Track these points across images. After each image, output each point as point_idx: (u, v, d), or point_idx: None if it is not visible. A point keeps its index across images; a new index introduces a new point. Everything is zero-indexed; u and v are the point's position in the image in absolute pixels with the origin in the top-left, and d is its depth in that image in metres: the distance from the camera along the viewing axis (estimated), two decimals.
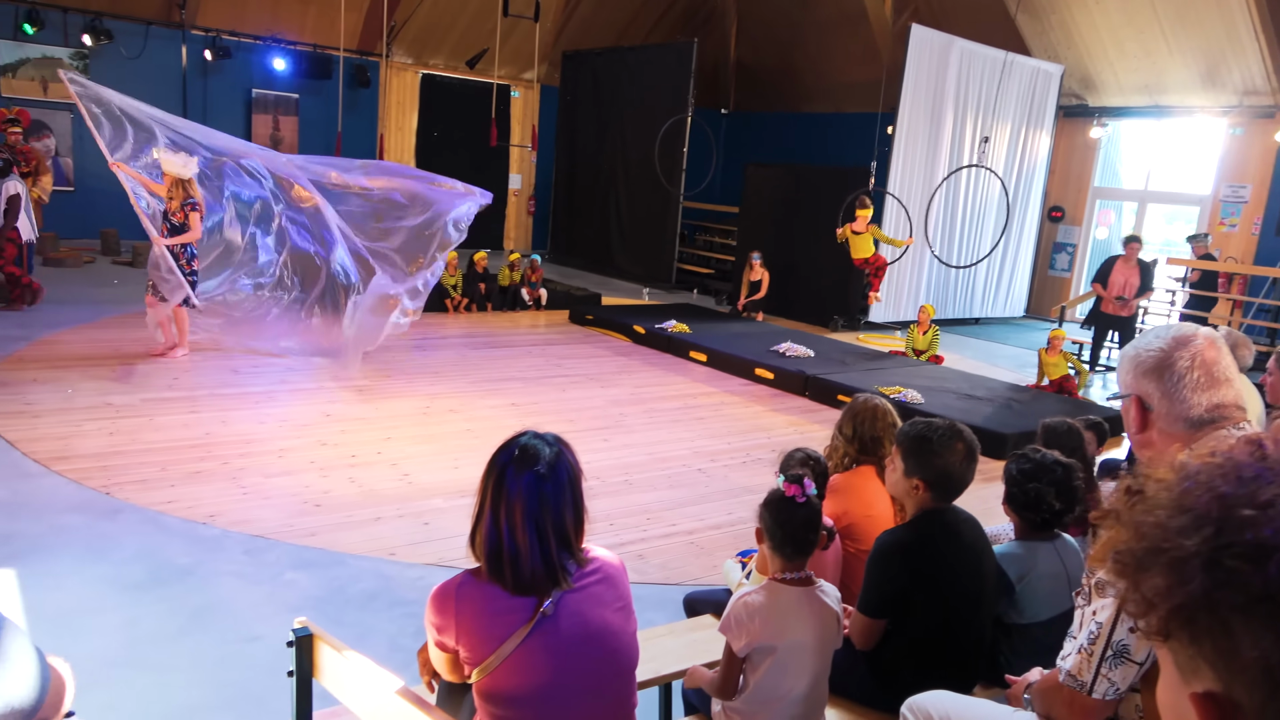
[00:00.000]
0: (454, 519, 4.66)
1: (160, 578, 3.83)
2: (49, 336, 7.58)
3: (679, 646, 2.78)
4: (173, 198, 7.06)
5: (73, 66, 12.64)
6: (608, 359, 8.90)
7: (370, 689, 1.80)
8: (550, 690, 1.69)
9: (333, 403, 6.53)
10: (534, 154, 16.06)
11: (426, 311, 10.27)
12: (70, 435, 5.37)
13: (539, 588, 1.71)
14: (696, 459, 5.99)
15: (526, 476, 1.73)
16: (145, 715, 2.92)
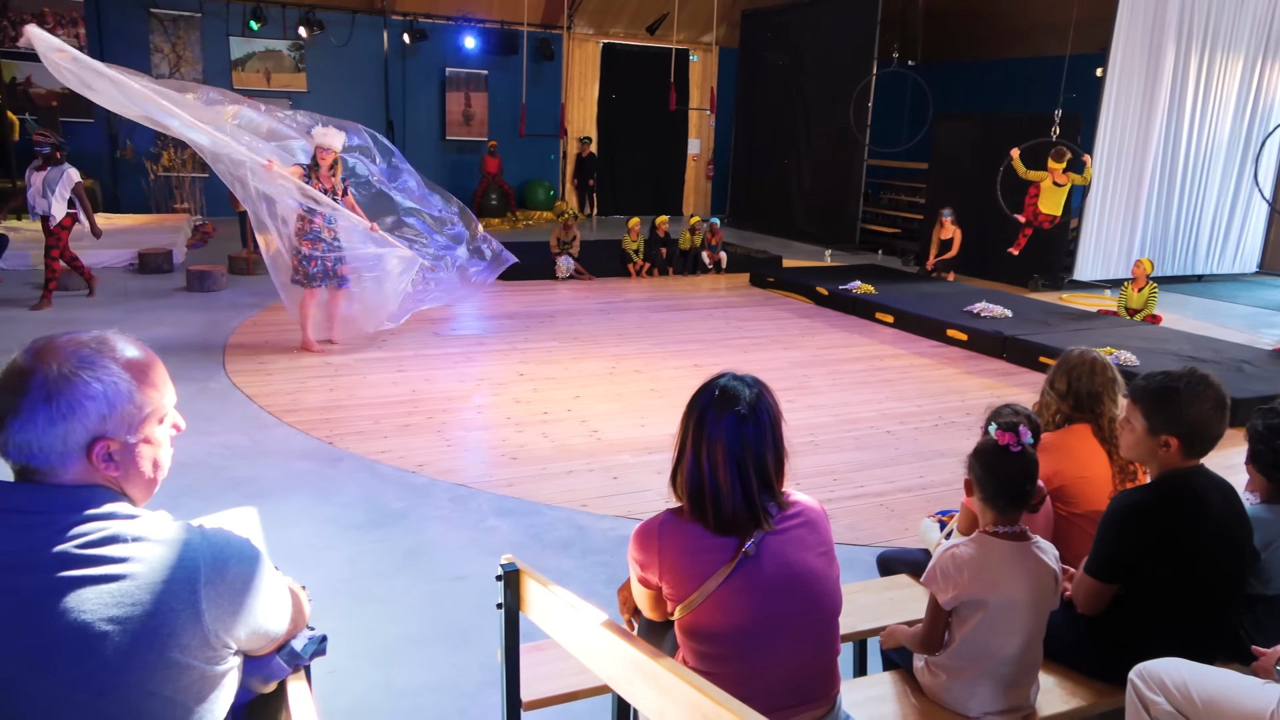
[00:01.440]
0: (642, 474, 4.77)
1: (377, 520, 4.15)
2: (278, 303, 8.33)
3: (874, 604, 2.72)
4: (334, 175, 6.56)
5: (292, 59, 13.76)
6: (790, 321, 8.77)
7: (575, 622, 1.87)
8: (753, 629, 1.69)
9: (525, 363, 6.81)
10: (713, 118, 15.99)
11: (609, 276, 10.58)
12: (297, 391, 5.91)
13: (740, 528, 1.71)
14: (885, 421, 5.81)
15: (728, 418, 1.72)
16: (369, 641, 3.19)
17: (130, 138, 12.99)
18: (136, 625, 1.17)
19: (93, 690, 1.15)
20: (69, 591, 1.15)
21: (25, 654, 1.13)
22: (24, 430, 1.20)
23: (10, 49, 12.05)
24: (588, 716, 2.73)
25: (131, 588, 1.18)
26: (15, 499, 1.20)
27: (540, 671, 2.37)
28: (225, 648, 1.28)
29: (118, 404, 1.25)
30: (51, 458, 1.22)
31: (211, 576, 1.24)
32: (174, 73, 13.15)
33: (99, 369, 1.24)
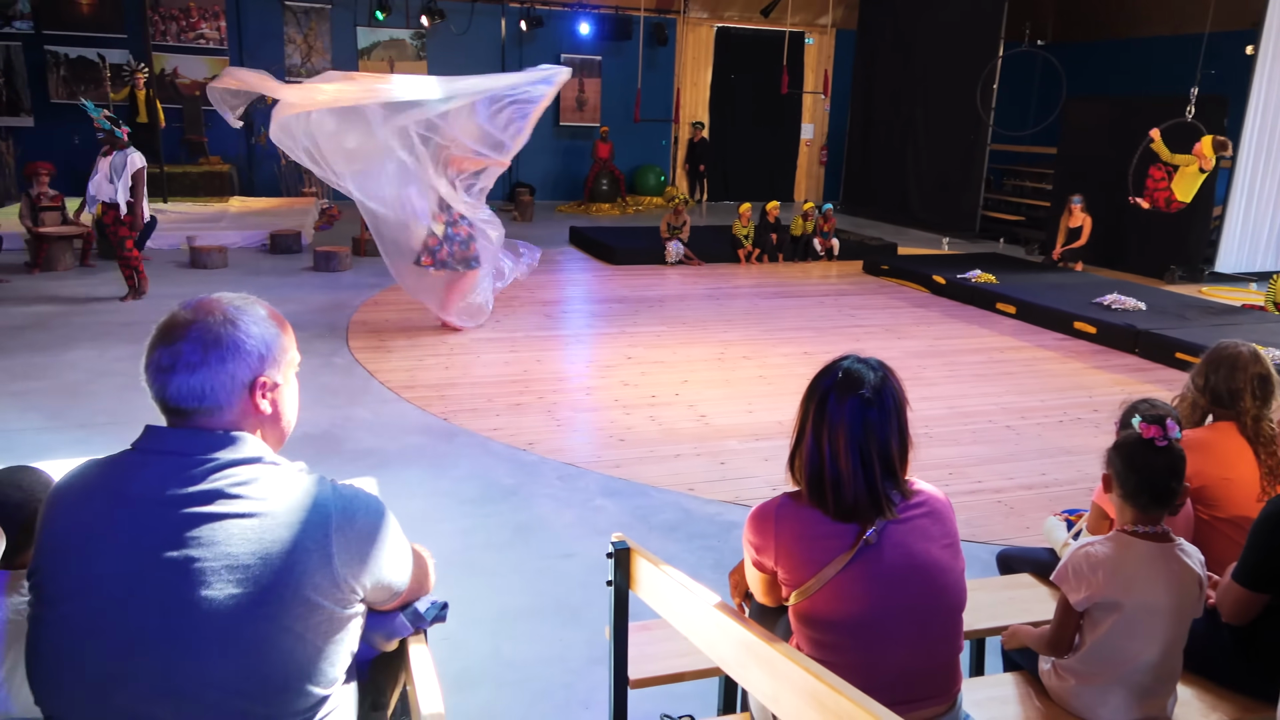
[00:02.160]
0: (749, 460, 4.72)
1: (489, 495, 4.25)
2: (398, 285, 8.61)
3: (993, 602, 2.61)
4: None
5: (414, 47, 14.18)
6: (904, 310, 8.53)
7: (686, 602, 1.86)
8: (872, 620, 1.65)
9: (633, 346, 6.84)
10: (827, 102, 15.65)
11: (719, 262, 10.51)
12: (415, 368, 6.10)
13: (861, 515, 1.67)
14: (1004, 415, 5.58)
15: (851, 401, 1.68)
16: (479, 611, 3.27)
17: (264, 125, 13.64)
18: (275, 561, 1.25)
19: (234, 620, 1.23)
20: (218, 525, 1.25)
21: (177, 583, 1.23)
22: (196, 374, 1.31)
23: (160, 42, 12.83)
24: (693, 699, 2.73)
25: (272, 525, 1.27)
26: (175, 442, 1.31)
27: (647, 651, 2.38)
28: (352, 593, 1.34)
29: (272, 346, 1.39)
30: (220, 396, 1.33)
31: (341, 524, 1.32)
32: (305, 62, 13.74)
33: (253, 315, 1.38)
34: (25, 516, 1.85)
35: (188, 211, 11.43)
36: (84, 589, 1.25)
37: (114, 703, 1.24)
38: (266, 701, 1.27)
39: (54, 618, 1.27)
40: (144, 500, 1.27)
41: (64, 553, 1.27)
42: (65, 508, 1.30)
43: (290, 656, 1.27)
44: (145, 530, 1.25)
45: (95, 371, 5.76)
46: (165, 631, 1.22)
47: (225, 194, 12.60)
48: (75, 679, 1.25)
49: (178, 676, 1.23)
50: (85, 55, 12.69)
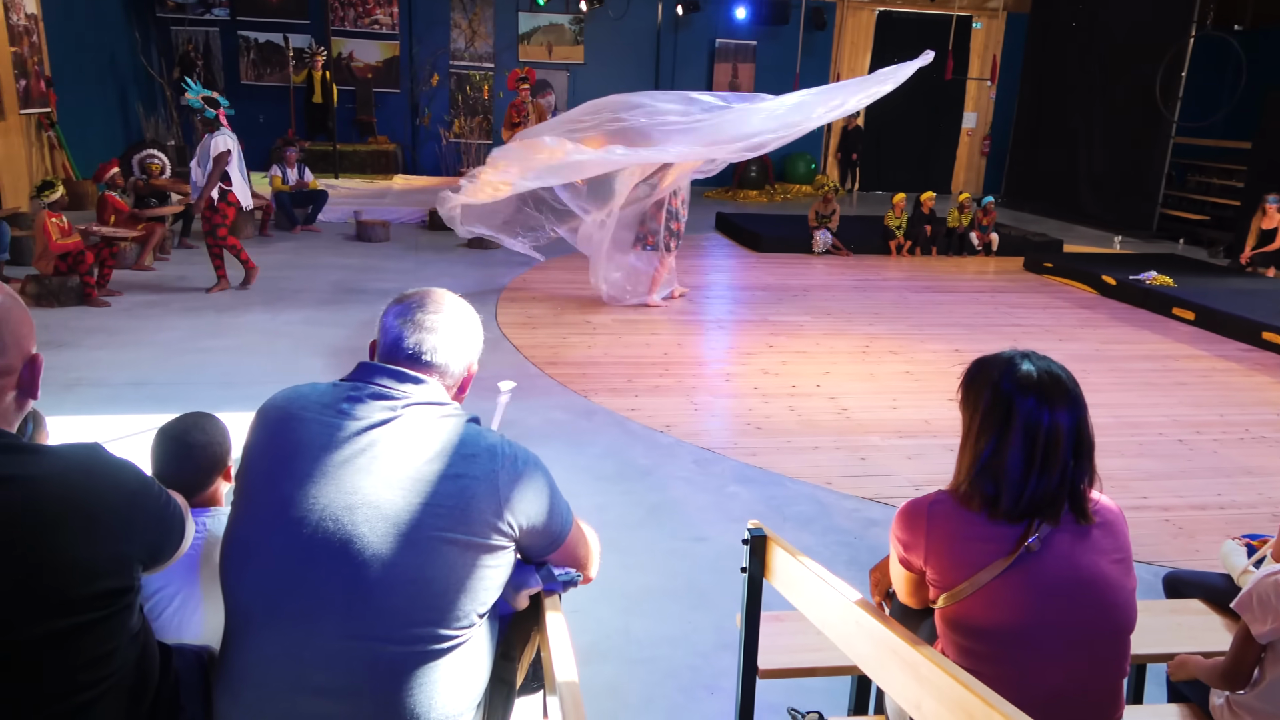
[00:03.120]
0: (891, 457, 4.57)
1: (624, 474, 4.28)
2: (547, 262, 8.82)
3: (1159, 627, 2.41)
4: None
5: (572, 32, 14.43)
6: (1067, 311, 8.03)
7: (824, 596, 1.80)
8: (1028, 632, 1.54)
9: (775, 335, 6.74)
10: (993, 89, 14.88)
11: (868, 253, 10.21)
12: (559, 345, 6.23)
13: (1025, 520, 1.56)
14: (1176, 429, 5.16)
15: (1028, 401, 1.57)
16: (610, 588, 3.30)
17: (429, 107, 14.25)
18: (449, 482, 1.44)
19: (408, 521, 1.40)
20: (403, 444, 1.45)
21: (360, 486, 1.41)
22: (421, 335, 1.57)
23: (338, 28, 13.58)
24: (821, 695, 2.67)
25: (448, 451, 1.46)
26: (380, 376, 1.53)
27: (779, 642, 2.33)
28: (509, 528, 1.49)
29: (477, 340, 1.69)
30: (438, 361, 1.58)
31: (505, 464, 1.50)
32: (469, 46, 14.23)
33: (467, 311, 1.69)
34: (207, 459, 1.99)
35: (356, 188, 12.07)
36: (280, 484, 1.43)
37: (293, 586, 1.39)
38: (426, 605, 1.40)
39: (251, 511, 1.46)
40: (344, 416, 1.46)
41: (268, 454, 1.47)
42: (275, 416, 1.51)
43: (452, 567, 1.42)
44: (340, 440, 1.44)
45: (268, 333, 6.17)
46: (347, 526, 1.39)
47: (390, 172, 13.24)
48: (263, 564, 1.41)
49: (352, 567, 1.38)
50: (272, 40, 13.60)
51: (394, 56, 14.04)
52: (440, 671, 1.42)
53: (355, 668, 1.38)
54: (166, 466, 1.93)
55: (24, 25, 9.72)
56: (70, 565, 1.24)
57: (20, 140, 9.53)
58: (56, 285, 6.58)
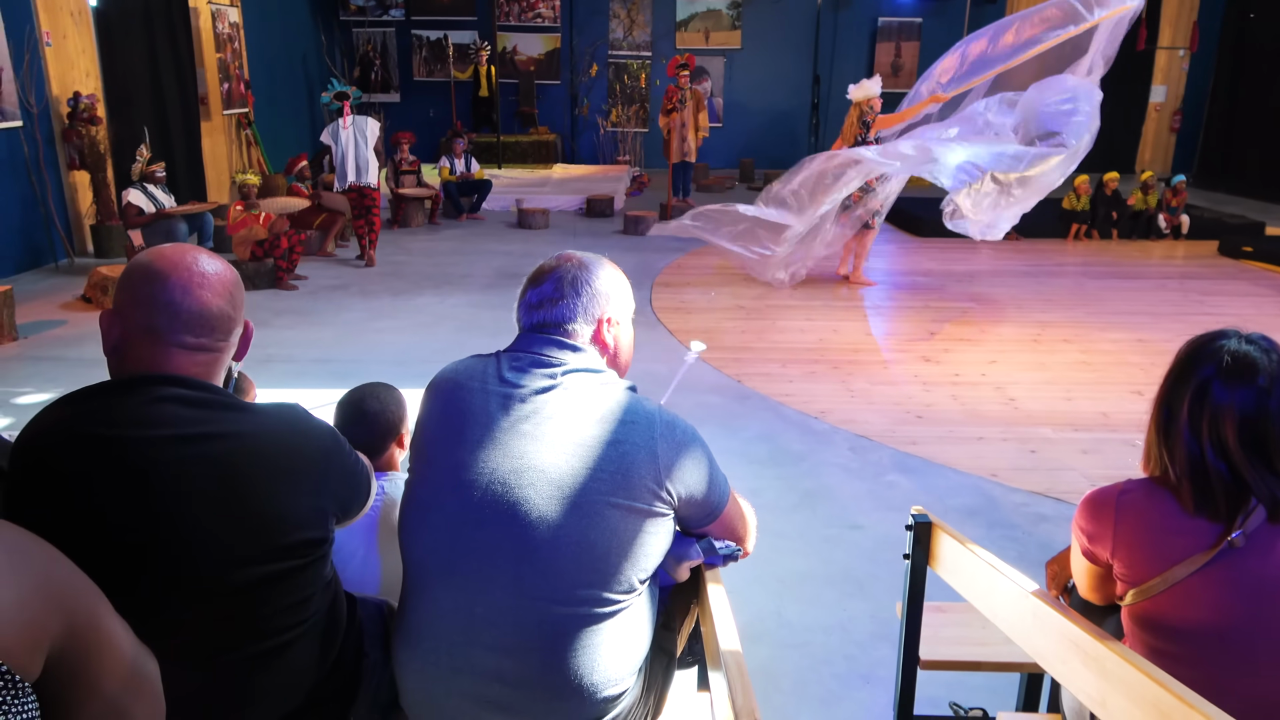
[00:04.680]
0: (1063, 451, 4.31)
1: (778, 459, 4.24)
2: (699, 250, 8.84)
3: None
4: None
5: (730, 17, 14.32)
6: (1269, 299, 7.30)
7: (997, 586, 1.72)
8: (1229, 634, 1.41)
9: (937, 321, 6.49)
10: (1187, 58, 13.67)
11: (1040, 237, 9.63)
12: (712, 329, 6.23)
13: (1230, 514, 1.44)
14: None
15: (1243, 392, 1.44)
16: (764, 571, 3.29)
17: (587, 97, 14.53)
18: (610, 447, 1.47)
19: (573, 483, 1.44)
20: (566, 409, 1.49)
21: (528, 449, 1.46)
22: (557, 306, 1.60)
23: (503, 23, 14.06)
24: (984, 692, 2.56)
25: (608, 417, 1.49)
26: (539, 345, 1.58)
27: (941, 634, 2.26)
28: (668, 495, 1.51)
29: (615, 290, 1.66)
30: (576, 322, 1.60)
31: (664, 432, 1.51)
32: (627, 35, 14.39)
33: (600, 265, 1.67)
34: (381, 424, 2.12)
35: (518, 177, 12.49)
36: (453, 449, 1.50)
37: (466, 545, 1.46)
38: (590, 567, 1.44)
39: (427, 473, 1.53)
40: (509, 384, 1.52)
41: (441, 421, 1.55)
42: (446, 387, 1.58)
43: (615, 531, 1.45)
44: (506, 407, 1.50)
45: (437, 315, 6.50)
46: (514, 489, 1.45)
47: (550, 161, 13.61)
48: (438, 523, 1.49)
49: (519, 528, 1.44)
50: (441, 38, 14.25)
51: (555, 49, 14.39)
52: (604, 635, 1.46)
53: (523, 625, 1.43)
54: (344, 430, 2.07)
55: (227, 33, 10.61)
56: (277, 515, 1.35)
57: (223, 139, 10.43)
58: (252, 270, 7.17)
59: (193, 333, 1.36)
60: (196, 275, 1.37)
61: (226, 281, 1.41)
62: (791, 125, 14.63)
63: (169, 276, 1.35)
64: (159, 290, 1.34)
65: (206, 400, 1.35)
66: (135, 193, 7.20)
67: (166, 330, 1.34)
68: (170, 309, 1.34)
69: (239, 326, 1.45)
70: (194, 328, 1.36)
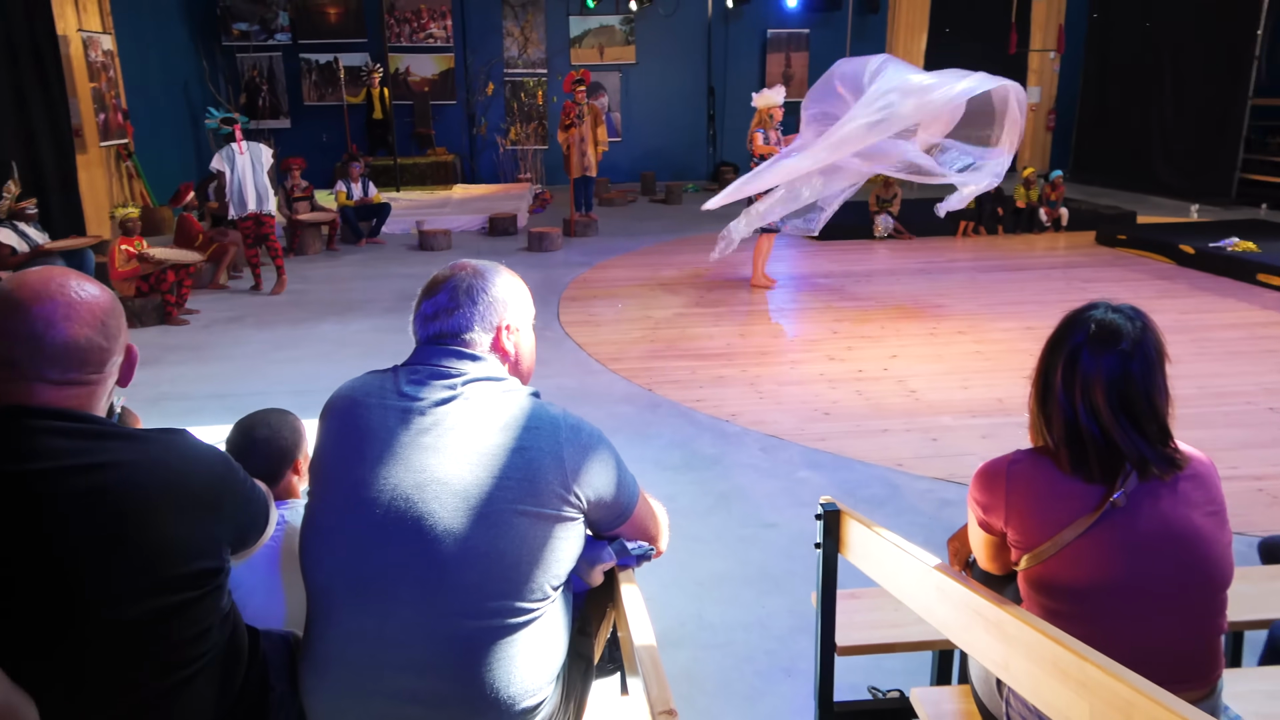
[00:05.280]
0: (964, 437, 4.47)
1: (691, 464, 4.28)
2: (604, 262, 8.88)
3: (1257, 594, 2.32)
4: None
5: (623, 32, 14.48)
6: (1144, 283, 7.75)
7: (903, 565, 1.77)
8: (1117, 589, 1.49)
9: (839, 320, 6.66)
10: (1057, 60, 14.44)
11: (932, 235, 10.00)
12: (622, 341, 6.25)
13: (1110, 475, 1.52)
14: (1266, 397, 4.94)
15: (1108, 357, 1.53)
16: (682, 575, 3.30)
17: (485, 116, 14.45)
18: (515, 455, 1.45)
19: (478, 495, 1.42)
20: (468, 421, 1.46)
21: (430, 463, 1.43)
22: (453, 316, 1.57)
23: (394, 44, 13.86)
24: (901, 674, 2.62)
25: (512, 425, 1.47)
26: (438, 357, 1.55)
27: (855, 619, 2.30)
28: (576, 499, 1.49)
29: (512, 297, 1.63)
30: (474, 331, 1.57)
31: (569, 436, 1.50)
32: (522, 53, 14.38)
33: (496, 272, 1.64)
34: (273, 451, 2.05)
35: (417, 199, 12.32)
36: (352, 468, 1.46)
37: (370, 565, 1.42)
38: (501, 578, 1.42)
39: (327, 495, 1.50)
40: (408, 398, 1.49)
41: (338, 441, 1.51)
42: (342, 405, 1.55)
43: (524, 539, 1.43)
44: (406, 422, 1.47)
45: (340, 342, 6.34)
46: (418, 504, 1.42)
47: (449, 182, 13.47)
48: (341, 545, 1.45)
49: (425, 543, 1.40)
50: (331, 61, 13.96)
51: (449, 68, 14.27)
52: (518, 645, 1.44)
53: (435, 642, 1.40)
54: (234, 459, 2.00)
55: (101, 61, 10.17)
56: (165, 546, 1.29)
57: (101, 172, 9.97)
58: (138, 306, 6.86)
59: (59, 367, 1.28)
60: (62, 305, 1.29)
61: (98, 309, 1.33)
62: (689, 137, 14.84)
63: (31, 307, 1.27)
64: (20, 322, 1.26)
65: (86, 430, 1.28)
66: (5, 231, 6.81)
67: (28, 365, 1.26)
68: (32, 342, 1.26)
69: (116, 356, 1.37)
70: (60, 362, 1.28)
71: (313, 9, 13.79)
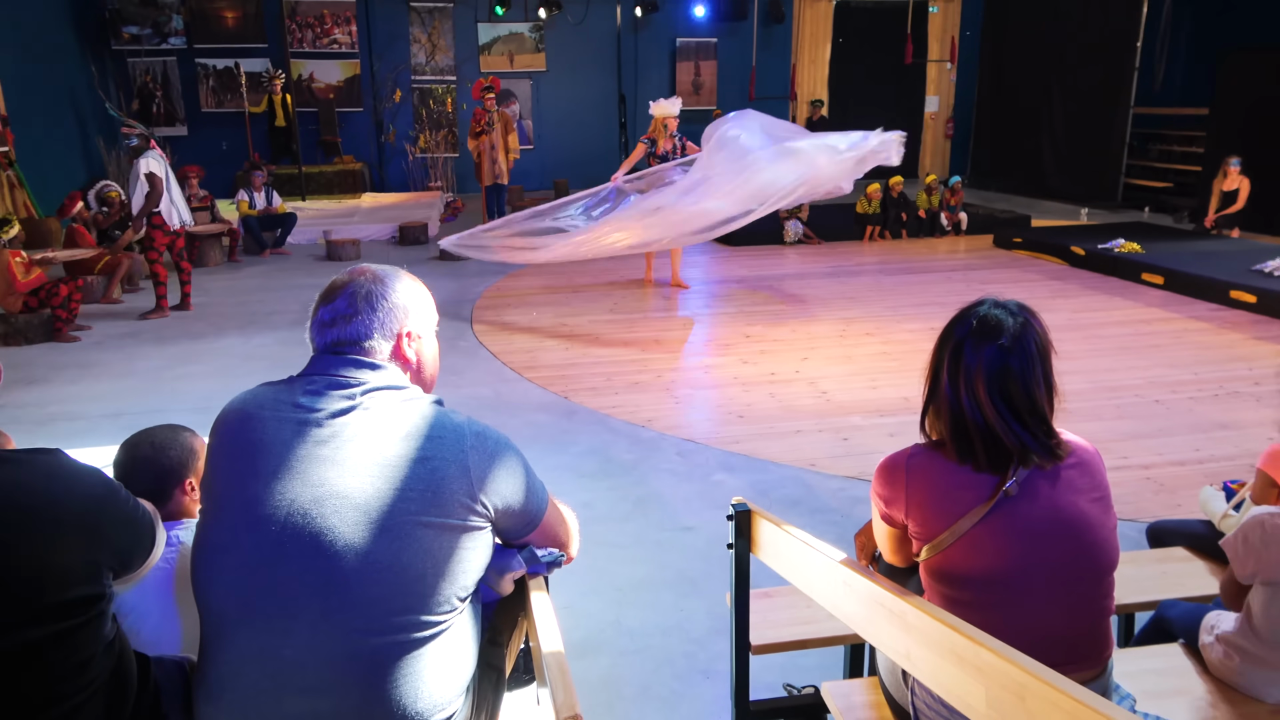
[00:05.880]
0: (873, 435, 4.58)
1: (608, 470, 4.27)
2: (518, 271, 8.80)
3: (1145, 577, 2.44)
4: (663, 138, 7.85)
5: (533, 40, 14.42)
6: (1039, 283, 8.10)
7: (811, 561, 1.80)
8: (1011, 576, 1.54)
9: (752, 325, 6.76)
10: (953, 71, 14.99)
11: (839, 240, 10.25)
12: (536, 349, 6.21)
13: (1001, 465, 1.57)
14: (1152, 389, 5.22)
15: (988, 350, 1.58)
16: (600, 582, 3.29)
17: (393, 123, 14.19)
18: (417, 465, 1.40)
19: (380, 508, 1.37)
20: (369, 431, 1.42)
21: (329, 476, 1.38)
22: (352, 323, 1.52)
23: (297, 49, 13.49)
24: (817, 671, 2.66)
25: (415, 434, 1.43)
26: (335, 366, 1.50)
27: (770, 618, 2.33)
28: (484, 508, 1.46)
29: (414, 303, 1.59)
30: (374, 339, 1.52)
31: (475, 444, 1.47)
32: (429, 60, 14.17)
33: (397, 277, 1.59)
34: (158, 469, 1.95)
35: (324, 208, 12.00)
36: (246, 484, 1.40)
37: (266, 584, 1.36)
38: (405, 591, 1.38)
39: (219, 513, 1.42)
40: (304, 409, 1.44)
41: (231, 456, 1.44)
42: (235, 419, 1.48)
43: (429, 551, 1.39)
44: (302, 434, 1.41)
45: (243, 356, 6.12)
46: (316, 519, 1.36)
47: (358, 191, 13.16)
48: (234, 564, 1.38)
49: (324, 560, 1.35)
50: (232, 66, 13.50)
51: (355, 75, 13.96)
52: (425, 660, 1.40)
53: (336, 662, 1.36)
54: (119, 481, 1.90)
55: None
56: (39, 573, 1.22)
57: None
58: (23, 323, 6.49)
59: None
60: None
61: None
62: (601, 144, 14.87)
63: None
64: None
65: None
66: None
67: None
68: None
69: None
70: None
71: (209, 13, 13.31)
